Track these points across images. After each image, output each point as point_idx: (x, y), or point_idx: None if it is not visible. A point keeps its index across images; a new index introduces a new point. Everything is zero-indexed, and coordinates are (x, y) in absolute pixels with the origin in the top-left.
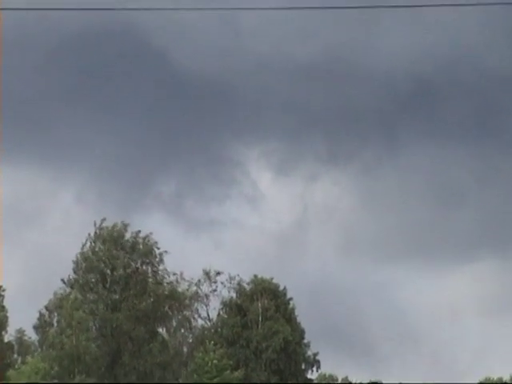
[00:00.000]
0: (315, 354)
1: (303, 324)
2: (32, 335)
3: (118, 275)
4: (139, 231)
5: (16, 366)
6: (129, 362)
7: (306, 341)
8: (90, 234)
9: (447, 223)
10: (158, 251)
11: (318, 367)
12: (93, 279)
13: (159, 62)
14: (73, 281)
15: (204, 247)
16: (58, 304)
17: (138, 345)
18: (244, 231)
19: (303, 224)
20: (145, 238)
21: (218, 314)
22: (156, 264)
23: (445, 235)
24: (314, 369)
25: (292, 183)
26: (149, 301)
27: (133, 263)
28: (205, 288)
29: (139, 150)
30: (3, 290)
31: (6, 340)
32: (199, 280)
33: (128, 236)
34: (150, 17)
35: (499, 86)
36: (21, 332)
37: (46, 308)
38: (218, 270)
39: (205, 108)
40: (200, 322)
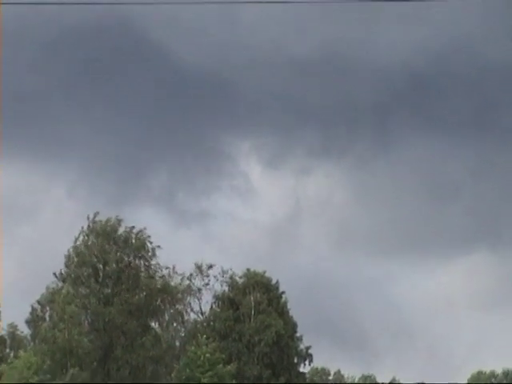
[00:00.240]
0: (308, 348)
1: (296, 318)
2: (24, 329)
3: (110, 269)
4: (133, 227)
5: (8, 361)
6: (121, 356)
7: (298, 334)
8: (84, 227)
9: (441, 217)
10: (150, 246)
11: (311, 361)
12: (85, 273)
13: (156, 56)
14: (65, 275)
15: (195, 240)
16: (50, 298)
17: (130, 339)
18: (236, 225)
19: (296, 217)
20: (137, 233)
21: (211, 308)
22: (148, 258)
23: (439, 229)
24: (307, 362)
25: (284, 177)
26: (141, 295)
27: (125, 257)
28: (197, 282)
29: (131, 144)
30: None
31: None
32: (191, 274)
33: (121, 231)
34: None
35: (495, 80)
36: (13, 326)
37: (38, 302)
38: (209, 264)
39: (200, 102)
40: (192, 315)
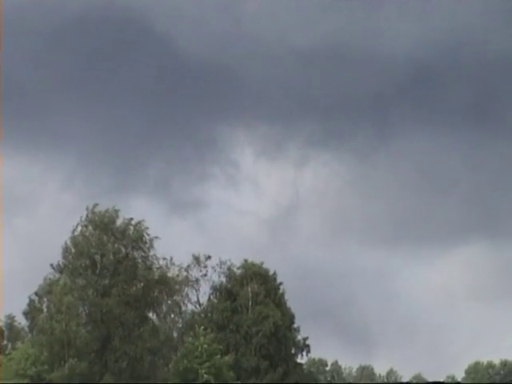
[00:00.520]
0: (305, 339)
1: (293, 309)
2: (22, 321)
3: (107, 261)
4: (131, 218)
5: (6, 352)
6: (119, 347)
7: (295, 325)
8: (82, 217)
9: (439, 208)
10: (148, 237)
11: (308, 351)
12: (83, 264)
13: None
14: (62, 266)
15: (192, 230)
16: (47, 289)
17: (128, 330)
18: (234, 215)
19: (293, 208)
20: (136, 225)
21: (208, 299)
22: (146, 250)
23: (437, 220)
24: (304, 353)
25: (283, 167)
26: (139, 286)
27: (123, 248)
28: (194, 273)
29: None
30: None
31: None
32: (189, 265)
33: (119, 222)
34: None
35: (499, 73)
36: (11, 318)
37: (35, 294)
38: (207, 255)
39: (200, 92)
40: (190, 306)
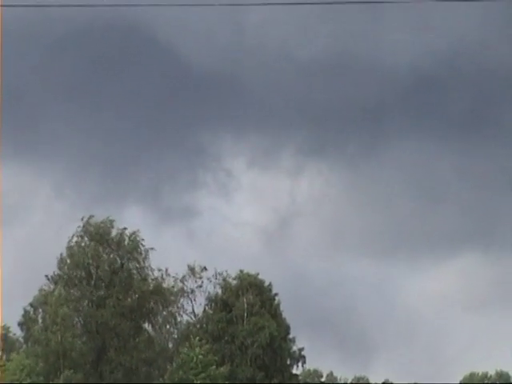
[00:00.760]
0: (300, 350)
1: (289, 319)
2: (17, 332)
3: (102, 272)
4: (125, 228)
5: (1, 363)
6: (114, 358)
7: (291, 336)
8: (78, 228)
9: (434, 218)
10: (143, 248)
11: (304, 363)
12: (78, 275)
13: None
14: (57, 277)
15: (186, 240)
16: (42, 300)
17: (123, 341)
18: (229, 225)
19: (288, 218)
20: (130, 236)
21: (204, 310)
22: (141, 261)
23: (431, 230)
24: (300, 364)
25: (277, 176)
26: (134, 297)
27: (118, 259)
28: (190, 283)
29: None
30: None
31: None
32: (184, 276)
33: (114, 233)
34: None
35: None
36: (6, 329)
37: (30, 305)
38: (202, 266)
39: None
40: (185, 317)
